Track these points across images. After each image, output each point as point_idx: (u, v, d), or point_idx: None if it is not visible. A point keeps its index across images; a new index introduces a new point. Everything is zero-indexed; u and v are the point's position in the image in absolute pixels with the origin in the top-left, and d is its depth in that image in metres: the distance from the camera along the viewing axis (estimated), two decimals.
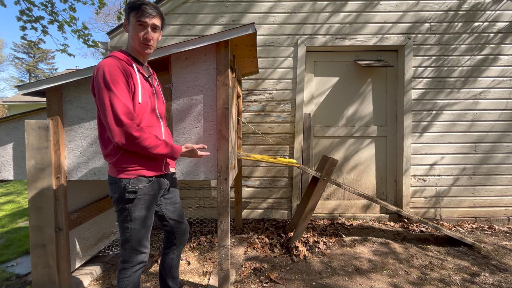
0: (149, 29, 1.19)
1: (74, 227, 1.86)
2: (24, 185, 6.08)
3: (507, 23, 3.02)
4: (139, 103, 1.18)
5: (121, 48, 3.06)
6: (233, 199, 3.03)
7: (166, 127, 1.42)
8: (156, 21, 1.20)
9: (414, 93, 3.09)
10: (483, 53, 3.04)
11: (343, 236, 2.72)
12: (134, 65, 1.19)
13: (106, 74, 1.08)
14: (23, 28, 5.08)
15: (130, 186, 1.19)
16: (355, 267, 2.17)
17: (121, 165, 1.20)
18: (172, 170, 1.46)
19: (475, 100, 3.08)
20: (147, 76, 1.26)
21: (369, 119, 3.26)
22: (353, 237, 2.72)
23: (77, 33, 5.73)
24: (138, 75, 1.19)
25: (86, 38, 5.88)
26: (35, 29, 5.24)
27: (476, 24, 3.03)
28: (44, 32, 5.33)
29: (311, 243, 2.52)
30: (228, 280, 1.80)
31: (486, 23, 3.03)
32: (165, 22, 1.32)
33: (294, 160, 2.76)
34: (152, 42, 1.22)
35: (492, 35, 3.03)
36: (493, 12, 3.02)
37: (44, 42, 5.72)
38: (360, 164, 3.29)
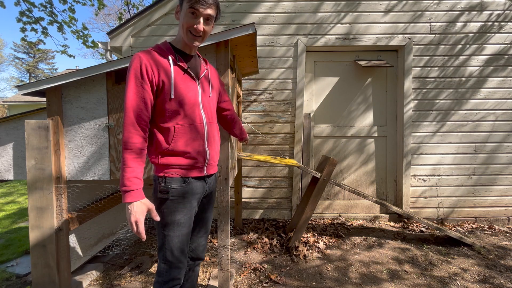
0: (201, 19, 1.08)
1: (74, 227, 1.86)
2: (24, 185, 6.08)
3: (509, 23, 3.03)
4: (172, 98, 1.08)
5: (121, 48, 3.07)
6: (233, 199, 3.03)
7: (216, 124, 1.27)
8: (211, 11, 1.09)
9: (414, 93, 3.09)
10: (484, 53, 3.04)
11: (343, 236, 2.72)
12: (170, 57, 1.10)
13: (129, 68, 1.05)
14: (23, 30, 5.09)
15: (163, 184, 1.10)
16: (355, 267, 2.17)
17: (159, 162, 1.12)
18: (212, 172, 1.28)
19: (477, 101, 3.07)
20: (186, 68, 1.15)
21: (369, 119, 3.26)
22: (353, 237, 2.72)
23: (77, 34, 5.75)
24: (173, 68, 1.10)
25: (86, 38, 5.90)
26: (35, 30, 5.25)
27: (477, 24, 3.03)
28: (44, 33, 5.35)
29: (311, 243, 2.52)
30: (228, 280, 1.80)
31: (484, 23, 3.03)
32: (220, 13, 1.18)
33: (294, 160, 2.76)
34: (203, 34, 1.12)
35: (493, 35, 3.03)
36: (494, 11, 3.02)
37: (44, 44, 5.72)
38: (360, 164, 3.28)
